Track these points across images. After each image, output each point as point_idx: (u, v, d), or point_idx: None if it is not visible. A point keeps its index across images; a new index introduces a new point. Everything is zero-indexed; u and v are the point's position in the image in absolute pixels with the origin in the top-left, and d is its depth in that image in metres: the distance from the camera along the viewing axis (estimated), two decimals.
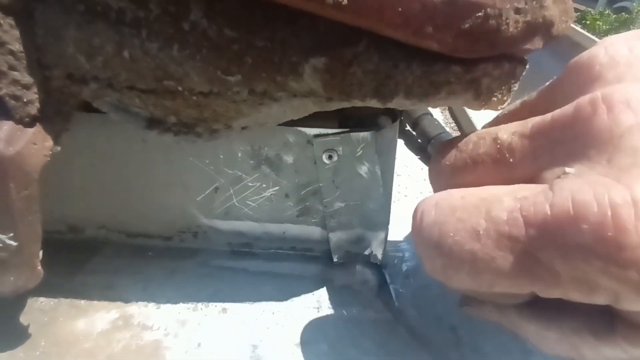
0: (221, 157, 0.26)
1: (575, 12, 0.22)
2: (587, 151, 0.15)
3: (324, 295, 0.28)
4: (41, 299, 0.26)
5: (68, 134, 0.21)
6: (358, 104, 0.20)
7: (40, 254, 0.21)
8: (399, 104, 0.20)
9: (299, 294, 0.28)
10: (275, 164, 0.26)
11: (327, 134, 0.25)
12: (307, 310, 0.27)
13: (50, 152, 0.20)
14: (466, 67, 0.19)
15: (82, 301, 0.26)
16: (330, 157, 0.25)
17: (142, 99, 0.21)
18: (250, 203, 0.28)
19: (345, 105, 0.21)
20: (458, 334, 0.26)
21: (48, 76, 0.20)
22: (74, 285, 0.27)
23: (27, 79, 0.19)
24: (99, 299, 0.27)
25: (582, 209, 0.13)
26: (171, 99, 0.20)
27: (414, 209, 0.19)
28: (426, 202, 0.18)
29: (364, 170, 0.26)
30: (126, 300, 0.27)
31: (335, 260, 0.30)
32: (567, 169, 0.15)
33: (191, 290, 0.28)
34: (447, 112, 0.55)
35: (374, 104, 0.20)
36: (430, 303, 0.28)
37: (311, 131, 0.25)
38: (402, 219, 0.35)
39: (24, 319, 0.25)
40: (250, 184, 0.27)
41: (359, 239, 0.29)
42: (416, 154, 0.45)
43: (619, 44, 0.17)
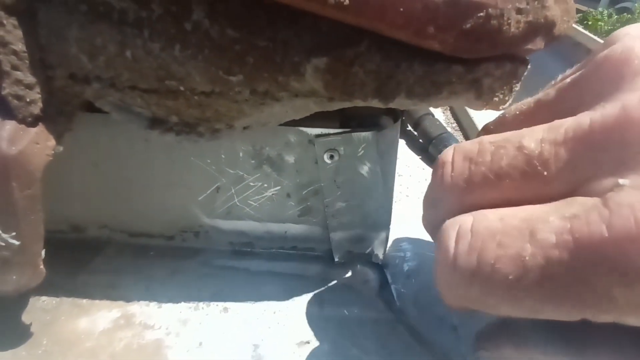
0: (223, 156, 0.26)
1: (577, 13, 0.22)
2: None
3: (325, 294, 0.28)
4: (43, 298, 0.26)
5: (70, 133, 0.22)
6: (360, 104, 0.20)
7: (43, 253, 0.21)
8: (400, 103, 0.20)
9: (300, 294, 0.28)
10: (276, 164, 0.26)
11: (328, 134, 0.25)
12: (309, 310, 0.27)
13: (53, 152, 0.20)
14: (468, 67, 0.19)
15: (84, 300, 0.26)
16: (331, 157, 0.25)
17: (145, 98, 0.21)
18: (252, 203, 0.28)
19: (347, 105, 0.21)
20: (459, 334, 0.26)
21: (51, 76, 0.20)
22: (76, 285, 0.27)
23: (29, 78, 0.19)
24: (100, 298, 0.27)
25: None
26: (173, 98, 0.21)
27: (439, 233, 0.17)
28: (458, 226, 0.16)
29: (365, 170, 0.26)
30: (128, 300, 0.27)
31: (336, 260, 0.30)
32: (621, 180, 0.13)
33: (193, 289, 0.28)
34: (448, 112, 0.55)
35: (375, 103, 0.20)
36: (432, 303, 0.28)
37: (313, 131, 0.25)
38: (403, 218, 0.35)
39: (26, 317, 0.25)
40: (251, 183, 0.27)
41: (360, 238, 0.29)
42: (417, 154, 0.45)
43: None
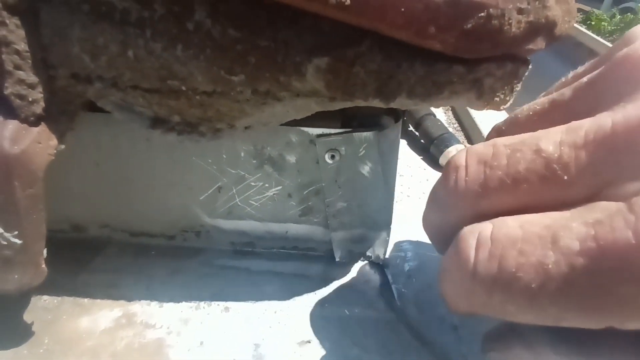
0: (224, 156, 0.26)
1: (580, 13, 0.22)
2: None
3: (326, 294, 0.28)
4: (45, 297, 0.26)
5: (72, 133, 0.22)
6: (361, 103, 0.20)
7: (45, 252, 0.22)
8: (401, 103, 0.20)
9: (301, 293, 0.28)
10: (278, 164, 0.26)
11: (329, 134, 0.25)
12: (309, 309, 0.27)
13: (55, 151, 0.20)
14: (469, 67, 0.19)
15: (86, 299, 0.27)
16: (332, 157, 0.25)
17: (146, 98, 0.21)
18: (253, 202, 0.28)
19: (348, 105, 0.21)
20: (460, 334, 0.26)
21: (53, 75, 0.20)
22: (77, 284, 0.27)
23: (32, 78, 0.19)
24: (102, 297, 0.27)
25: None
26: (175, 98, 0.21)
27: (457, 241, 0.16)
28: (477, 233, 0.16)
29: (366, 170, 0.26)
30: (129, 299, 0.27)
31: (337, 259, 0.30)
32: None
33: (194, 289, 0.28)
34: (450, 112, 0.55)
35: (376, 103, 0.20)
36: (433, 303, 0.28)
37: (314, 131, 0.25)
38: (404, 219, 0.35)
39: (27, 316, 0.25)
40: (253, 183, 0.27)
41: (361, 238, 0.29)
42: (419, 155, 0.45)
43: None
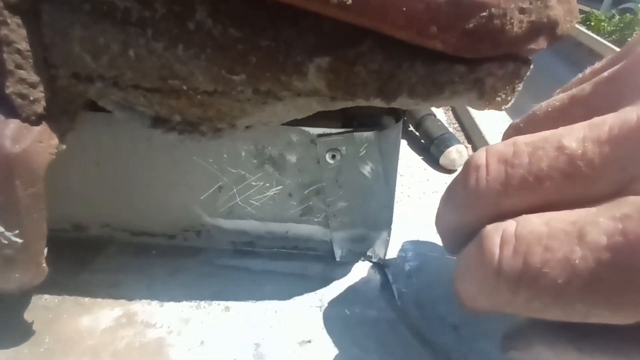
0: (225, 156, 0.26)
1: (580, 14, 0.22)
2: None
3: (326, 294, 0.28)
4: (46, 296, 0.26)
5: (73, 132, 0.22)
6: (362, 103, 0.20)
7: (45, 251, 0.22)
8: (402, 103, 0.20)
9: (301, 293, 0.28)
10: (278, 164, 0.26)
11: (330, 134, 0.25)
12: (310, 309, 0.27)
13: (56, 151, 0.20)
14: (470, 66, 0.19)
15: (86, 299, 0.27)
16: (333, 156, 0.26)
17: (147, 97, 0.21)
18: (254, 202, 0.28)
19: (349, 104, 0.21)
20: (460, 334, 0.26)
21: (54, 75, 0.20)
22: (78, 283, 0.27)
23: (33, 77, 0.19)
24: (103, 296, 0.27)
25: None
26: (176, 98, 0.21)
27: (480, 239, 0.16)
28: (502, 231, 0.16)
29: (367, 170, 0.26)
30: (130, 298, 0.27)
31: (337, 259, 0.30)
32: None
33: (194, 288, 0.28)
34: (450, 112, 0.55)
35: (377, 103, 0.20)
36: (433, 303, 0.28)
37: (315, 131, 0.25)
38: (404, 219, 0.35)
39: (28, 315, 0.25)
40: (253, 183, 0.27)
41: (361, 238, 0.29)
42: (419, 155, 0.45)
43: None
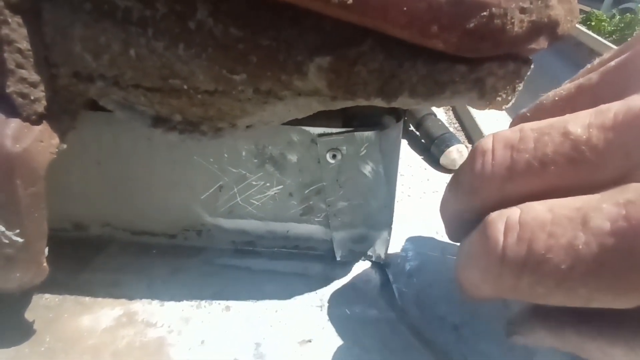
0: (225, 155, 0.26)
1: (580, 14, 0.22)
2: None
3: (327, 293, 0.28)
4: (46, 295, 0.26)
5: (74, 131, 0.22)
6: (362, 103, 0.20)
7: (46, 250, 0.22)
8: (403, 103, 0.20)
9: (302, 293, 0.28)
10: (279, 163, 0.26)
11: (331, 133, 0.25)
12: (310, 309, 0.27)
13: (57, 150, 0.20)
14: (471, 66, 0.19)
15: (87, 298, 0.27)
16: (334, 156, 0.26)
17: (148, 97, 0.21)
18: (254, 202, 0.28)
19: (350, 104, 0.21)
20: (461, 334, 0.26)
21: (55, 74, 0.20)
22: (79, 282, 0.27)
23: (34, 77, 0.19)
24: (103, 296, 0.27)
25: None
26: (176, 97, 0.21)
27: (484, 226, 0.17)
28: (505, 218, 0.16)
29: (367, 169, 0.26)
30: (130, 298, 0.27)
31: (338, 259, 0.30)
32: None
33: (195, 288, 0.28)
34: (450, 112, 0.55)
35: (378, 103, 0.20)
36: (433, 302, 0.28)
37: (315, 130, 0.25)
38: (405, 218, 0.35)
39: (29, 315, 0.25)
40: (254, 182, 0.27)
41: (362, 238, 0.29)
42: (420, 154, 0.45)
43: None
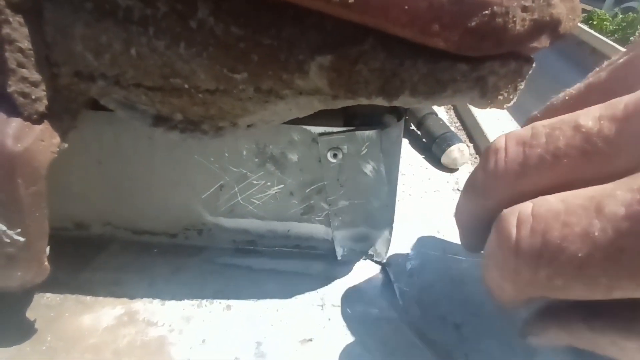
0: (226, 155, 0.26)
1: (582, 13, 0.22)
2: None
3: (327, 293, 0.28)
4: (48, 294, 0.26)
5: (75, 131, 0.22)
6: (363, 102, 0.20)
7: (47, 249, 0.22)
8: (404, 102, 0.20)
9: (302, 292, 0.28)
10: (280, 162, 0.26)
11: (332, 132, 0.25)
12: (311, 308, 0.27)
13: (58, 149, 0.20)
14: (472, 65, 0.19)
15: (88, 297, 0.27)
16: (335, 155, 0.25)
17: (149, 96, 0.21)
18: (255, 201, 0.28)
19: (351, 103, 0.21)
20: (462, 333, 0.26)
21: (56, 73, 0.20)
22: (80, 282, 0.27)
23: (35, 76, 0.19)
24: (104, 295, 0.27)
25: None
26: (177, 96, 0.21)
27: (497, 223, 0.17)
28: (518, 212, 0.16)
29: (368, 168, 0.26)
30: (131, 297, 0.27)
31: (339, 258, 0.30)
32: None
33: (196, 287, 0.28)
34: (452, 111, 0.55)
35: (379, 101, 0.20)
36: (435, 302, 0.28)
37: (316, 129, 0.25)
38: (406, 217, 0.35)
39: (30, 314, 0.25)
40: (255, 182, 0.27)
41: (363, 237, 0.29)
42: (421, 154, 0.45)
43: None
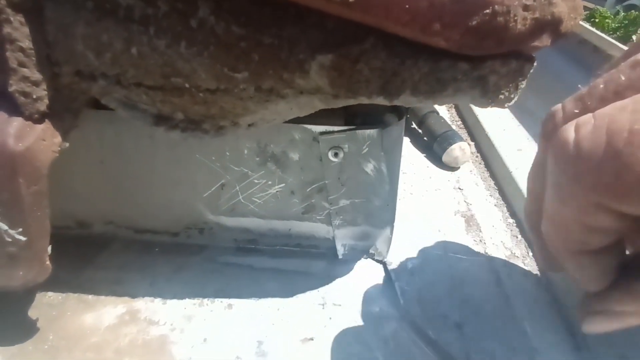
0: (227, 154, 0.26)
1: (585, 10, 0.22)
2: None
3: (328, 291, 0.28)
4: (50, 293, 0.27)
5: (77, 130, 0.22)
6: (364, 101, 0.20)
7: (49, 249, 0.22)
8: (405, 101, 0.20)
9: (304, 291, 0.28)
10: (281, 161, 0.26)
11: (333, 131, 0.25)
12: (312, 307, 0.27)
13: (59, 148, 0.20)
14: (473, 64, 0.18)
15: (90, 296, 0.27)
16: (336, 154, 0.25)
17: (150, 95, 0.21)
18: (256, 200, 0.28)
19: (352, 102, 0.21)
20: (463, 332, 0.26)
21: (57, 73, 0.20)
22: (82, 280, 0.28)
23: (36, 75, 0.19)
24: (106, 293, 0.27)
25: None
26: (178, 95, 0.21)
27: (553, 140, 0.17)
28: (574, 123, 0.16)
29: (369, 167, 0.26)
30: (133, 296, 0.27)
31: (340, 257, 0.30)
32: None
33: (197, 286, 0.28)
34: (453, 110, 0.55)
35: (380, 101, 0.20)
36: (436, 300, 0.28)
37: (317, 128, 0.25)
38: (407, 216, 0.35)
39: (32, 313, 0.25)
40: (256, 180, 0.27)
41: (364, 236, 0.29)
42: (422, 152, 0.45)
43: None
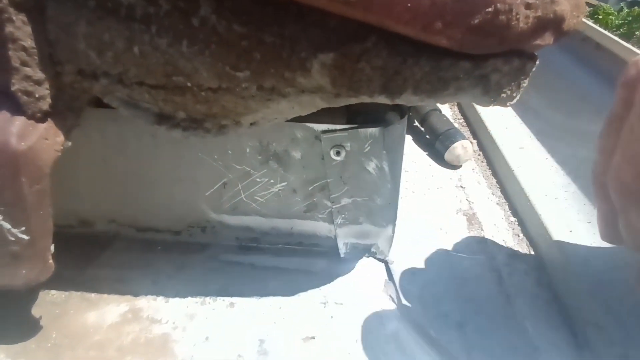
0: (230, 152, 0.26)
1: (588, 7, 0.22)
2: None
3: (330, 290, 0.28)
4: (53, 291, 0.27)
5: (79, 129, 0.22)
6: (366, 100, 0.20)
7: (52, 247, 0.22)
8: (407, 100, 0.20)
9: (305, 289, 0.28)
10: (283, 160, 0.26)
11: (335, 130, 0.25)
12: (314, 306, 0.27)
13: (62, 147, 0.21)
14: (475, 62, 0.18)
15: (93, 294, 0.27)
16: (338, 152, 0.25)
17: (152, 94, 0.21)
18: (258, 198, 0.28)
19: (353, 101, 0.21)
20: (464, 331, 0.26)
21: (60, 72, 0.20)
22: (84, 279, 0.28)
23: (39, 74, 0.19)
24: (109, 292, 0.27)
25: None
26: (180, 94, 0.21)
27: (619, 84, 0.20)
28: None
29: (371, 166, 0.26)
30: (136, 294, 0.27)
31: (342, 255, 0.30)
32: None
33: (199, 284, 0.28)
34: (456, 107, 0.55)
35: (382, 100, 0.20)
36: (437, 299, 0.28)
37: (319, 127, 0.25)
38: (409, 215, 0.35)
39: (35, 311, 0.26)
40: (258, 179, 0.27)
41: (365, 234, 0.29)
42: (424, 150, 0.45)
43: None
